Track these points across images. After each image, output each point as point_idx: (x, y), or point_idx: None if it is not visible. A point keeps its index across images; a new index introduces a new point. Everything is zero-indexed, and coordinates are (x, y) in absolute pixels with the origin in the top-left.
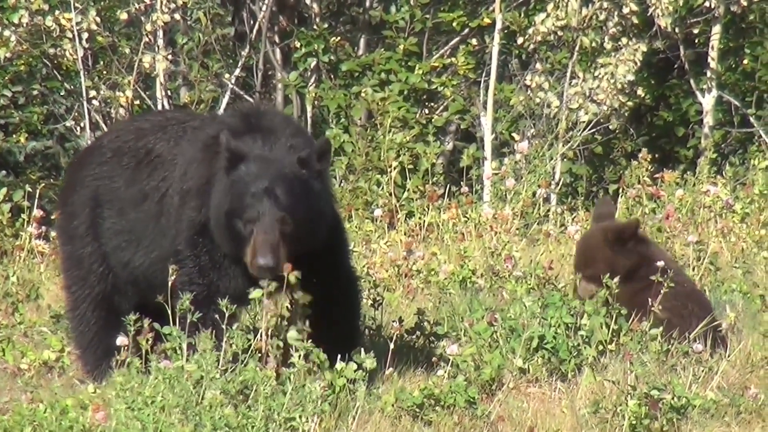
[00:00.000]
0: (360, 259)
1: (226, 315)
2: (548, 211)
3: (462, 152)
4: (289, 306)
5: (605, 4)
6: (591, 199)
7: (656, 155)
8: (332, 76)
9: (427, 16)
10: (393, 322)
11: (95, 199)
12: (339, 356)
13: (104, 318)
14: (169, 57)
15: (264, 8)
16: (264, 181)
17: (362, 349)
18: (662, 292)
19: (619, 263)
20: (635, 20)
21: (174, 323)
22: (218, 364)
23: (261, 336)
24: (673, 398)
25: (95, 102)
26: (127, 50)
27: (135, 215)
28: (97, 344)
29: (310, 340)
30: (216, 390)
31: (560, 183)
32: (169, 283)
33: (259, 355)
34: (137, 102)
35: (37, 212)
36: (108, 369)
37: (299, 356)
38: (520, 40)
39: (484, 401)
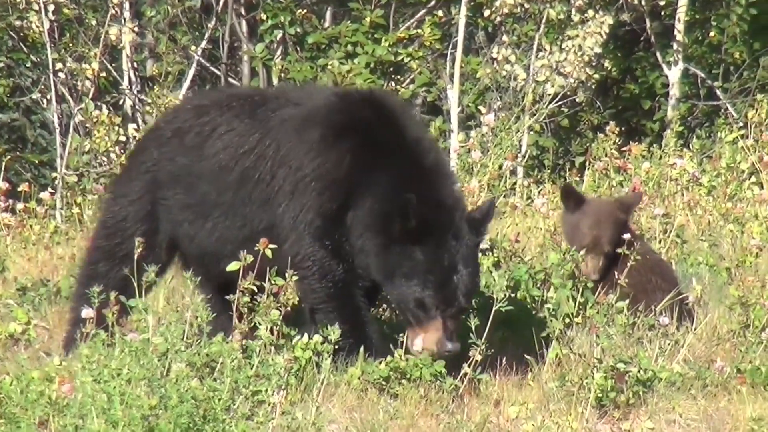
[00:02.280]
0: None
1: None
2: (515, 183)
3: (428, 125)
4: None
5: None
6: (557, 171)
7: (623, 128)
8: (298, 49)
9: None
10: None
11: (155, 182)
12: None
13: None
14: (136, 29)
15: None
16: (467, 280)
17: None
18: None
19: (622, 234)
20: None
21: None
22: (184, 337)
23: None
24: (639, 371)
25: (61, 74)
26: (94, 22)
27: (206, 188)
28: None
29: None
30: (182, 362)
31: (527, 156)
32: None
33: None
34: (103, 74)
35: (2, 185)
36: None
37: (265, 329)
38: (486, 13)
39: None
